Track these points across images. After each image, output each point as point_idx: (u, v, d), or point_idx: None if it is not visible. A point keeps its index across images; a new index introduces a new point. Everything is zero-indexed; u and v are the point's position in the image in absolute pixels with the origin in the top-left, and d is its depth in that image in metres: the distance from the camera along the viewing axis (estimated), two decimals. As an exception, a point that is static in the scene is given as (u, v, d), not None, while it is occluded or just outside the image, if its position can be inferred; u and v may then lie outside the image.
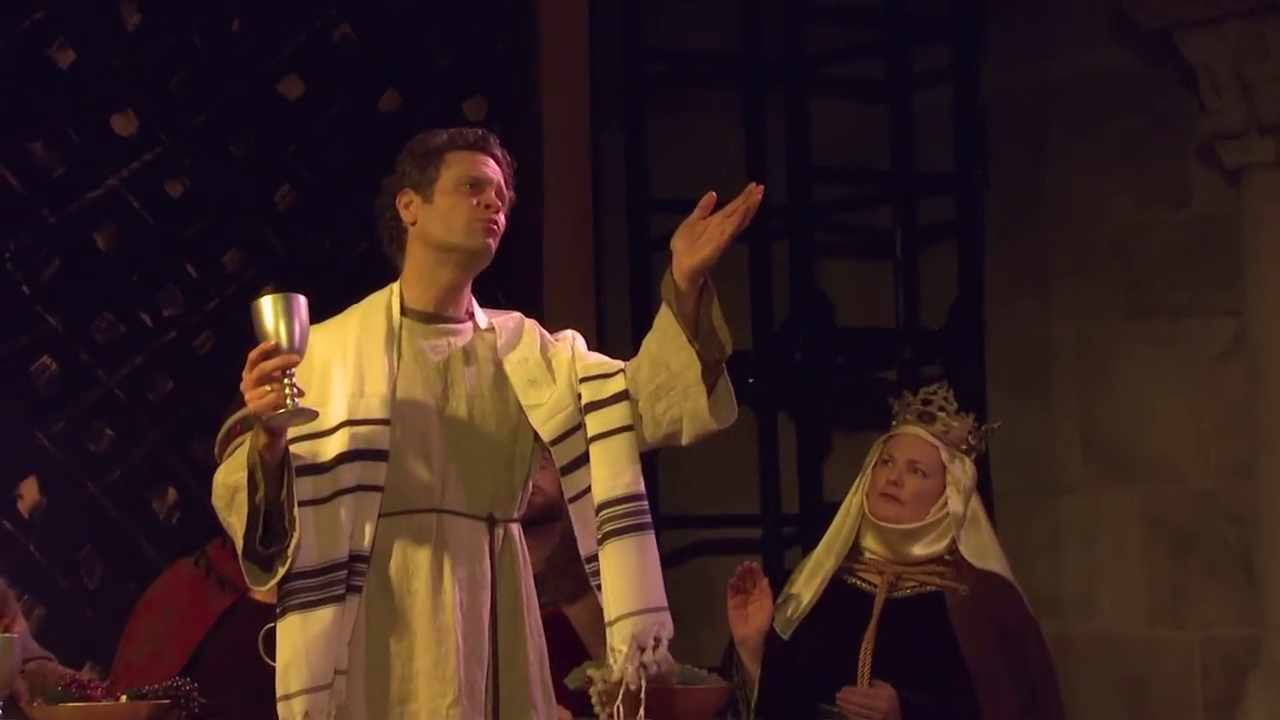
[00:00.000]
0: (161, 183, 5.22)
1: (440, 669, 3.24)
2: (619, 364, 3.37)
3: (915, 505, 4.03)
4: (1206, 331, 5.67)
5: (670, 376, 3.27)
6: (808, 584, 4.09)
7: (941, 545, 4.04)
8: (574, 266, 5.58)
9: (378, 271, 3.46)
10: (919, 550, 4.04)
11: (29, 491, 5.07)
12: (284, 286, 3.21)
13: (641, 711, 3.23)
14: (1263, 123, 5.38)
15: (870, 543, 4.07)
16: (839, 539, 4.10)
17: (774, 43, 6.00)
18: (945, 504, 4.03)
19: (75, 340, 5.12)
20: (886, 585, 4.04)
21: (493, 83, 5.54)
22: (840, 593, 4.06)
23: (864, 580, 4.07)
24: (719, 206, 3.24)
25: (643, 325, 5.57)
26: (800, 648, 4.04)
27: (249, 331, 3.14)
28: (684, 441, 3.32)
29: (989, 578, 4.04)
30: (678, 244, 3.24)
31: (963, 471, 4.05)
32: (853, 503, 4.10)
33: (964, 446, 4.09)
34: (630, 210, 5.88)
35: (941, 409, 4.10)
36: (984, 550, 4.07)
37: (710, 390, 3.25)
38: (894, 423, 4.15)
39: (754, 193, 3.22)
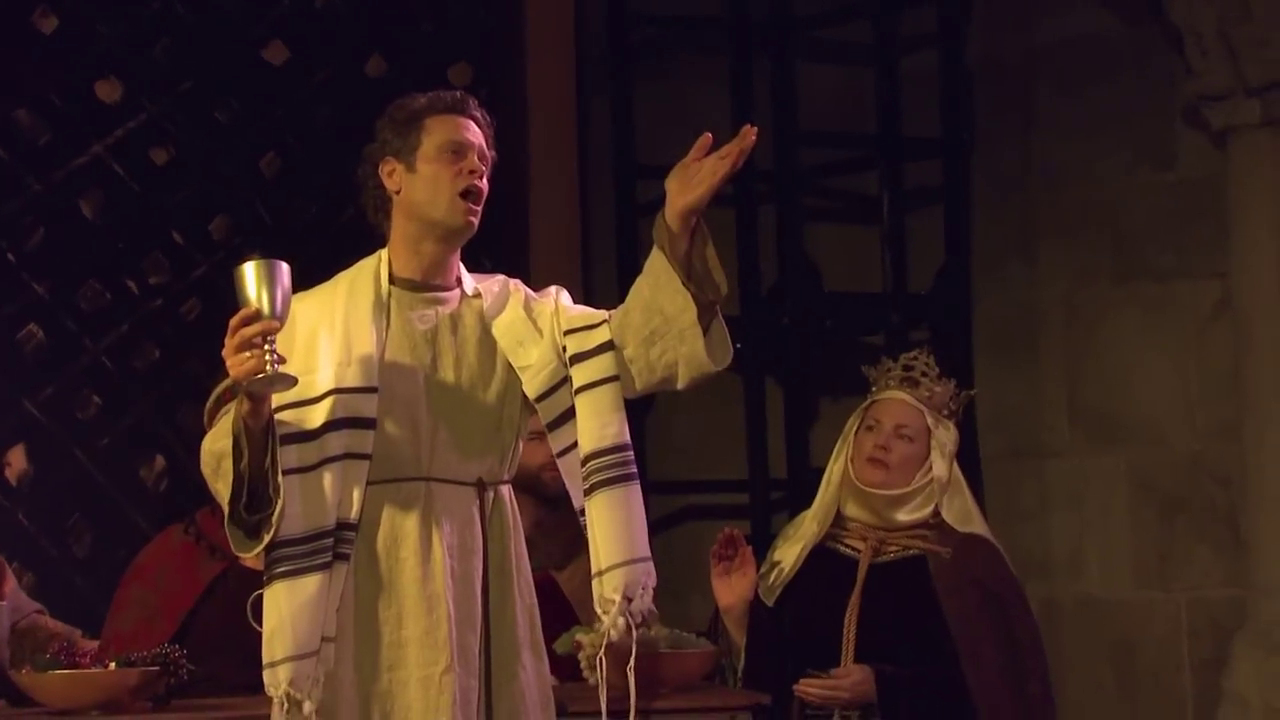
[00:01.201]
0: (146, 150, 5.21)
1: (432, 636, 3.24)
2: (603, 314, 3.36)
3: (902, 470, 4.03)
4: (1193, 294, 5.68)
5: (664, 321, 3.26)
6: (789, 551, 4.10)
7: (926, 511, 4.05)
8: (561, 232, 5.57)
9: (364, 238, 3.45)
10: (904, 516, 4.04)
11: (17, 460, 5.07)
12: (270, 253, 3.20)
13: (632, 662, 3.23)
14: (1248, 85, 5.38)
15: (854, 509, 4.07)
16: (822, 507, 4.10)
17: (760, 7, 5.99)
18: (930, 469, 4.04)
19: (62, 308, 5.11)
20: (870, 551, 4.04)
21: (478, 48, 5.53)
22: (825, 559, 4.07)
23: (848, 546, 4.07)
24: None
25: (629, 291, 5.56)
26: (786, 615, 4.05)
27: (235, 298, 3.14)
28: (679, 386, 3.31)
29: (972, 540, 4.05)
30: (671, 184, 3.23)
31: (947, 436, 4.06)
32: (834, 470, 4.11)
33: (946, 411, 4.09)
34: (617, 175, 5.87)
35: (925, 374, 4.10)
36: (967, 515, 4.08)
37: (705, 332, 3.25)
38: (873, 389, 4.14)
39: (748, 134, 3.21)
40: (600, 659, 3.30)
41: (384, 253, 3.38)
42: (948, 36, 5.97)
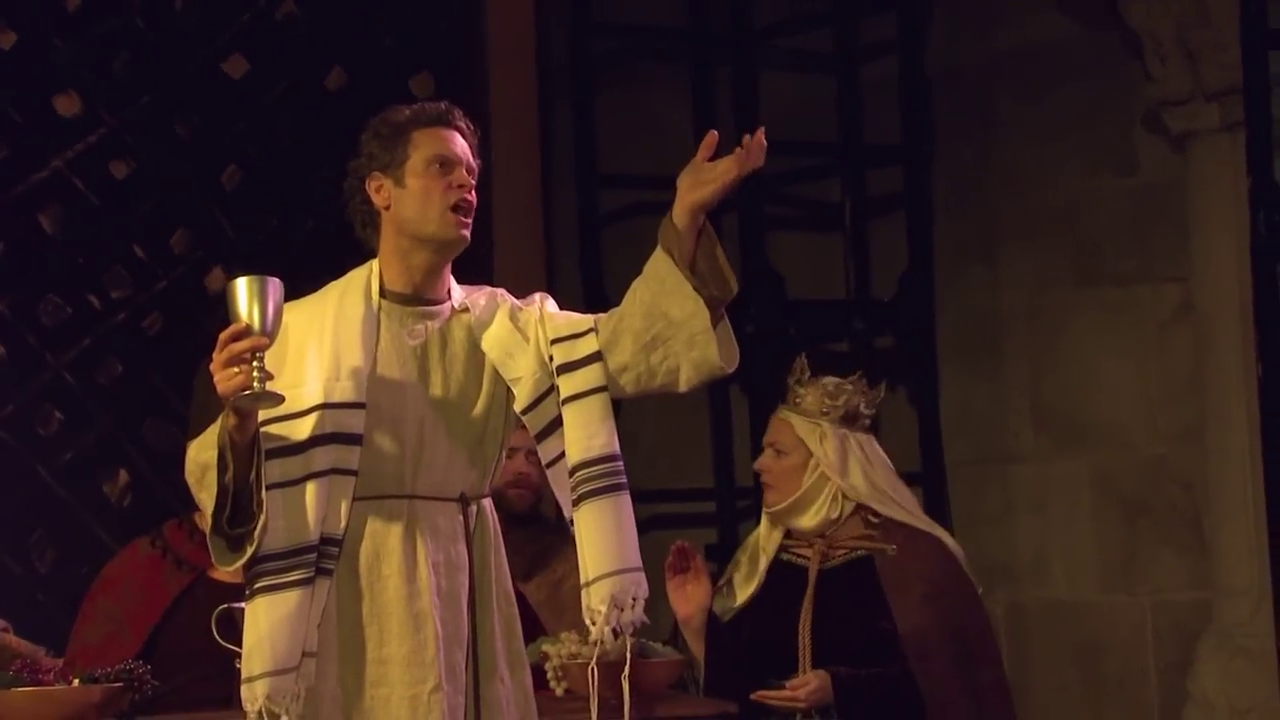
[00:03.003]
0: (106, 164, 5.19)
1: (419, 655, 3.23)
2: (589, 321, 3.34)
3: (784, 482, 4.11)
4: (1154, 298, 5.70)
5: (669, 326, 3.24)
6: (743, 587, 4.15)
7: (837, 510, 4.09)
8: (524, 242, 5.57)
9: (326, 250, 3.46)
10: (810, 521, 4.10)
11: (-22, 476, 5.04)
12: (231, 266, 3.20)
13: (626, 674, 3.24)
14: (1207, 89, 5.41)
15: (778, 533, 4.16)
16: (759, 537, 4.19)
17: (721, 16, 6.00)
18: (816, 467, 4.08)
19: (22, 323, 5.09)
20: (819, 557, 4.09)
21: (440, 59, 5.52)
22: (778, 571, 4.13)
23: (798, 555, 4.12)
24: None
25: (594, 300, 5.57)
26: (743, 626, 4.09)
27: (198, 312, 3.13)
28: (681, 389, 3.30)
29: (916, 536, 4.09)
30: (682, 182, 3.21)
31: (819, 440, 4.09)
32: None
33: (823, 410, 4.11)
34: (579, 185, 5.87)
35: (798, 381, 4.15)
36: (883, 492, 4.10)
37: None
38: None
39: (760, 137, 3.19)
40: (593, 670, 3.29)
41: (374, 264, 3.36)
42: (908, 44, 5.99)
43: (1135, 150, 5.73)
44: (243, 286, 3.12)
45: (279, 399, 3.13)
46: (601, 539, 3.23)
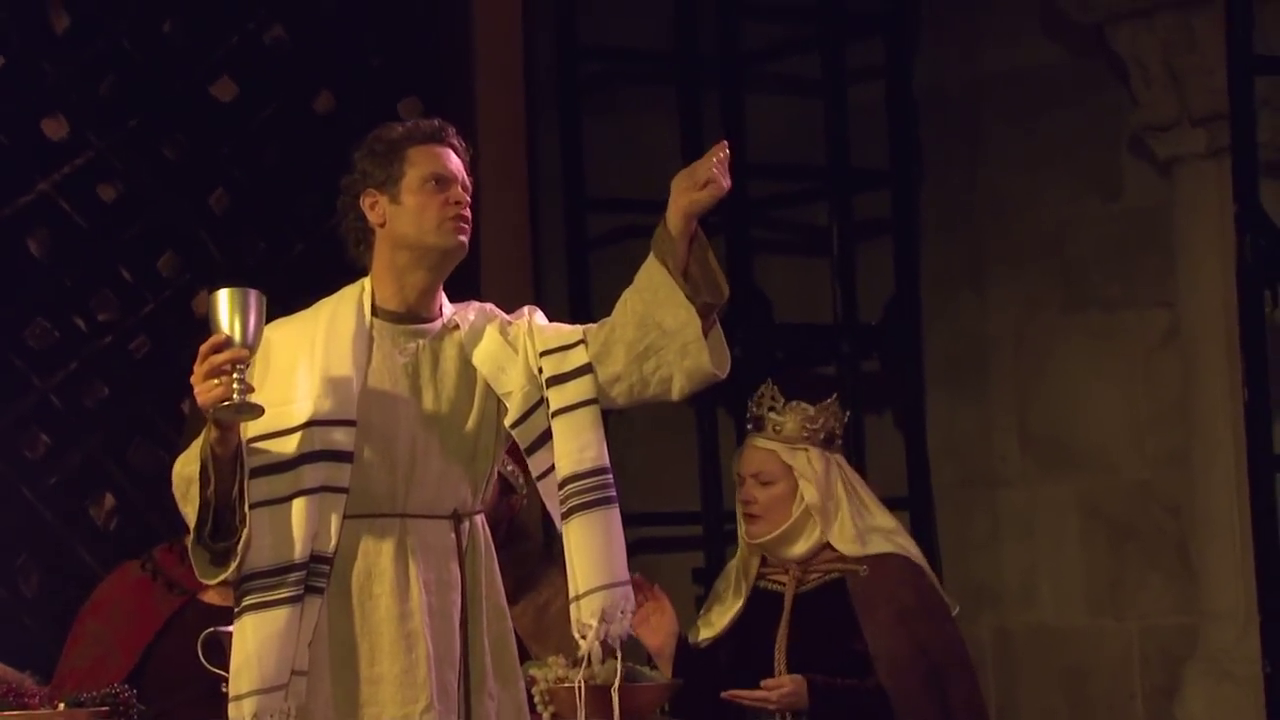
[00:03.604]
0: (94, 186, 5.18)
1: (411, 675, 3.23)
2: (578, 332, 3.34)
3: (773, 512, 4.10)
4: (1141, 323, 5.71)
5: (663, 335, 3.24)
6: (722, 616, 4.17)
7: (817, 535, 4.10)
8: (511, 265, 5.57)
9: (314, 273, 3.45)
10: (799, 550, 4.10)
11: (-36, 499, 5.03)
12: (215, 288, 3.19)
13: (617, 683, 3.23)
14: (1193, 115, 5.42)
15: (756, 560, 4.16)
16: (735, 571, 4.18)
17: (708, 40, 6.01)
18: (803, 499, 4.07)
19: (9, 346, 5.08)
20: (794, 582, 4.10)
21: (427, 82, 5.52)
22: (754, 598, 4.14)
23: (774, 582, 4.14)
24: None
25: (581, 322, 5.56)
26: (721, 652, 4.12)
27: (185, 335, 3.13)
28: (674, 397, 3.30)
29: (887, 557, 4.10)
30: (677, 184, 3.24)
31: (807, 463, 4.09)
32: (739, 535, 4.19)
33: (805, 434, 4.11)
34: (567, 208, 5.87)
35: (771, 409, 4.14)
36: (865, 534, 4.10)
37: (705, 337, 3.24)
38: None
39: (718, 149, 3.24)
40: (580, 688, 3.29)
41: (366, 283, 3.36)
42: (895, 68, 6.00)
43: (1121, 175, 5.74)
44: (224, 298, 3.12)
45: (259, 411, 3.12)
46: (591, 553, 3.23)
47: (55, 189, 5.15)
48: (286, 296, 3.42)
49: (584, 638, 3.21)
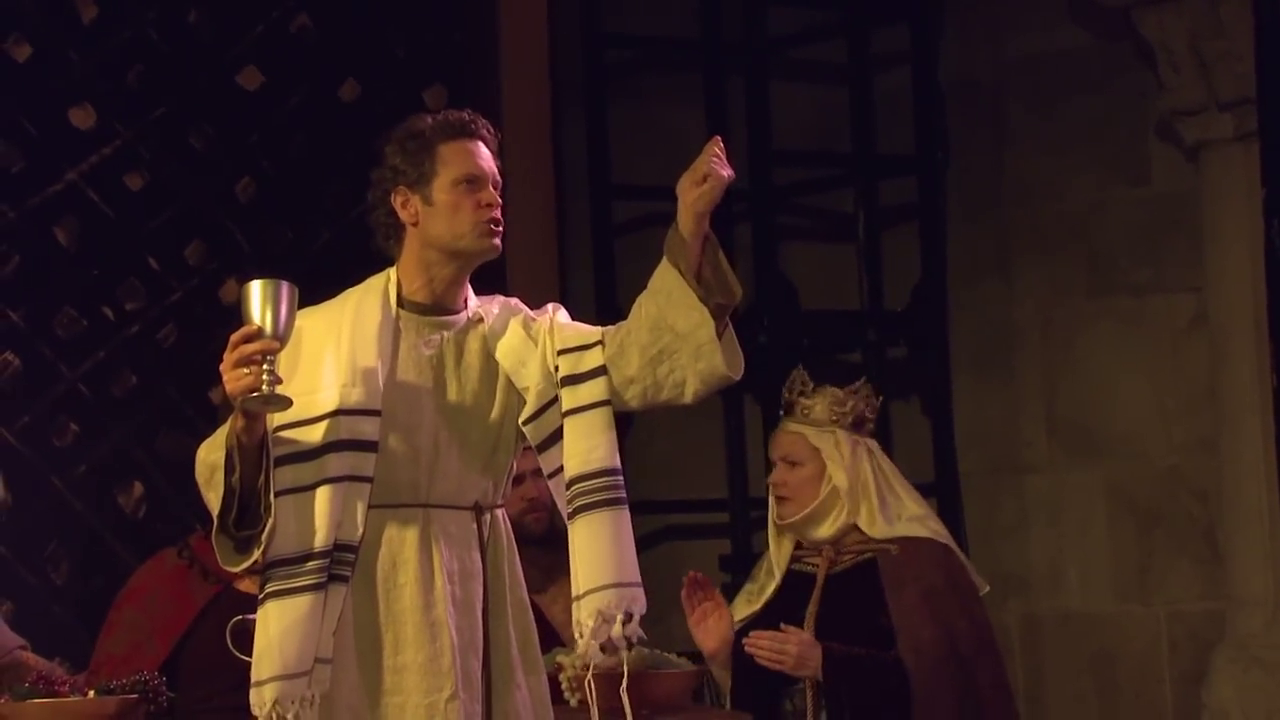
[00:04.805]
0: (121, 176, 5.20)
1: (435, 663, 3.24)
2: (597, 334, 3.34)
3: (802, 493, 4.15)
4: (1168, 308, 5.69)
5: (676, 339, 3.24)
6: (756, 599, 4.20)
7: (844, 518, 4.14)
8: (538, 253, 5.57)
9: (341, 262, 3.46)
10: (826, 531, 4.14)
11: (-7, 488, 5.05)
12: (245, 278, 3.20)
13: (624, 689, 3.23)
14: (1221, 99, 5.40)
15: (788, 545, 4.20)
16: (770, 558, 4.22)
17: (734, 27, 6.00)
18: (830, 479, 4.12)
19: (37, 336, 5.10)
20: (827, 563, 4.13)
21: (452, 71, 5.53)
22: (790, 581, 4.18)
23: (809, 564, 4.18)
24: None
25: (607, 311, 5.57)
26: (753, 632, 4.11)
27: (212, 324, 3.14)
28: (687, 400, 3.30)
29: (918, 539, 4.14)
30: (682, 186, 3.23)
31: (834, 446, 4.13)
32: (770, 519, 4.24)
33: (833, 418, 4.13)
34: (592, 196, 5.87)
35: (801, 393, 4.16)
36: (895, 518, 4.12)
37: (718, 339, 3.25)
38: None
39: (711, 145, 3.23)
40: (589, 683, 3.30)
41: (392, 273, 3.36)
42: (921, 54, 5.99)
43: (1149, 160, 5.72)
44: (256, 289, 3.13)
45: (287, 403, 3.13)
46: (594, 553, 3.24)
47: (83, 179, 5.16)
48: (313, 285, 3.42)
49: (581, 637, 3.20)
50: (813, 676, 3.99)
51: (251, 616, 3.46)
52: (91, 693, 3.66)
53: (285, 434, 3.21)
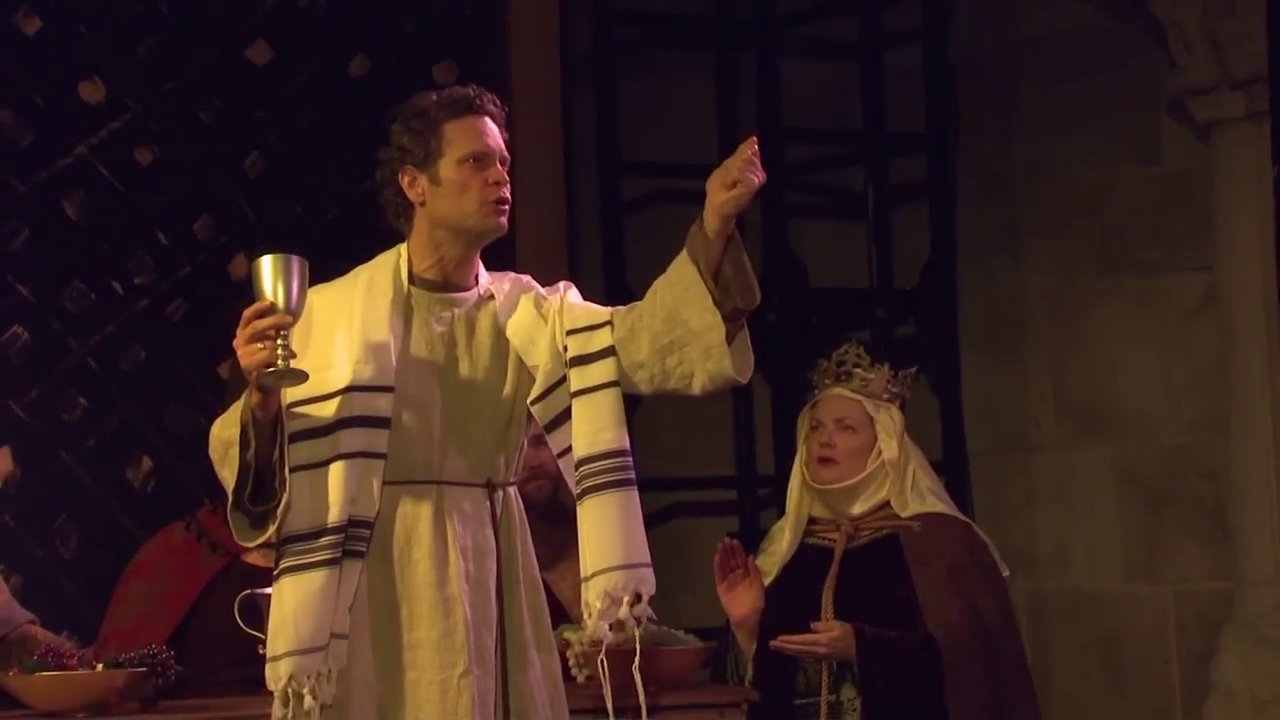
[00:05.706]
0: (130, 150, 5.20)
1: (449, 639, 3.25)
2: (606, 314, 3.34)
3: (851, 460, 4.11)
4: (1178, 287, 5.68)
5: (688, 334, 3.24)
6: (768, 564, 4.16)
7: (880, 496, 4.11)
8: (546, 229, 5.56)
9: (349, 237, 3.46)
10: (859, 507, 4.12)
11: (3, 462, 5.06)
12: (253, 254, 3.20)
13: (636, 666, 3.23)
14: (1232, 78, 5.39)
15: (818, 510, 4.16)
16: (793, 517, 4.17)
17: (744, 3, 5.99)
18: (880, 453, 4.10)
19: (46, 309, 5.10)
20: (845, 538, 4.11)
21: (462, 47, 5.52)
22: (803, 554, 4.14)
23: (824, 538, 4.14)
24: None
25: (616, 287, 5.56)
26: (770, 610, 4.09)
27: (221, 298, 3.14)
28: (695, 392, 3.30)
29: (941, 515, 4.13)
30: (711, 184, 3.21)
31: (890, 418, 4.12)
32: (794, 480, 4.19)
33: (886, 395, 4.15)
34: (602, 172, 5.86)
35: (857, 365, 4.17)
36: (925, 492, 4.13)
37: (729, 341, 3.24)
38: (815, 391, 4.21)
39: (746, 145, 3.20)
40: (601, 660, 3.30)
41: (403, 249, 3.36)
42: (932, 32, 5.97)
43: (1159, 139, 5.71)
44: (268, 264, 3.14)
45: (303, 377, 3.14)
46: (602, 534, 3.24)
47: (92, 152, 5.16)
48: (322, 260, 3.41)
49: (589, 618, 3.21)
50: (846, 660, 3.97)
51: (260, 590, 3.46)
52: (100, 666, 3.67)
53: (299, 410, 3.22)
